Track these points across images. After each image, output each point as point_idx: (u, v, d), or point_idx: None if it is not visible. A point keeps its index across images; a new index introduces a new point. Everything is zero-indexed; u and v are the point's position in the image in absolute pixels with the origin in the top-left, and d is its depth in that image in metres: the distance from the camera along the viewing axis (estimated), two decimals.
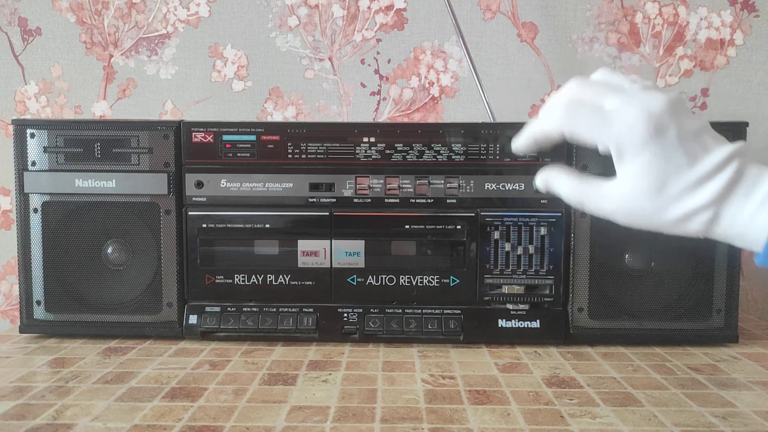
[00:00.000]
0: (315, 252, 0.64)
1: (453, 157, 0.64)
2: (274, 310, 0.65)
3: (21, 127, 0.64)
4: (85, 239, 0.65)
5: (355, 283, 0.65)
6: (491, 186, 0.64)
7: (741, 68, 0.92)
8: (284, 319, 0.65)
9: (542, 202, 0.64)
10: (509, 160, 0.63)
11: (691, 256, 0.63)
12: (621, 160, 0.46)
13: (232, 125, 0.64)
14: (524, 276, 0.64)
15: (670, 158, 0.45)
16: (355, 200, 0.64)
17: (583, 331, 0.64)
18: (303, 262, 0.65)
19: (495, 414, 0.47)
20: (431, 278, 0.64)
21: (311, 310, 0.65)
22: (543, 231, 0.63)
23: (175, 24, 0.93)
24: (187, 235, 0.65)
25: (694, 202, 0.44)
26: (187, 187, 0.65)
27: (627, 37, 0.92)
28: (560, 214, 0.63)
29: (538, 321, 0.64)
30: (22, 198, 0.65)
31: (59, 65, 0.94)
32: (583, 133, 0.47)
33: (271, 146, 0.64)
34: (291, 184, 0.64)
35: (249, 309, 0.65)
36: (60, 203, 0.65)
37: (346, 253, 0.64)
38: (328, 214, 0.64)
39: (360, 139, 0.64)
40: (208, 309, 0.65)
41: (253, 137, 0.64)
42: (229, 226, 0.64)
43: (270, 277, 0.65)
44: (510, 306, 0.64)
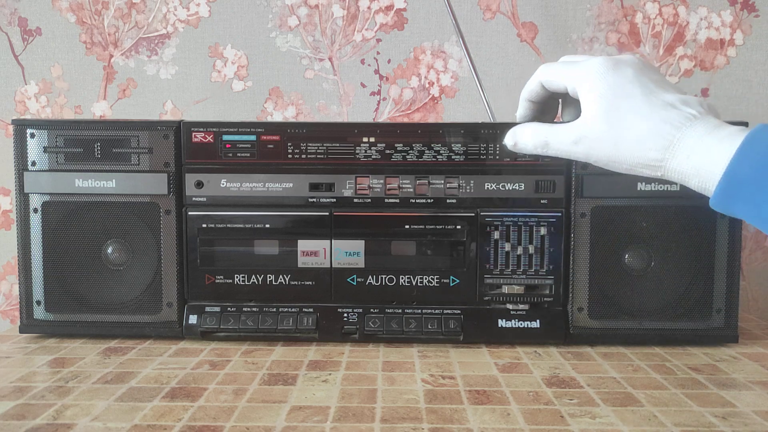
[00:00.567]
0: (315, 252, 0.64)
1: (453, 157, 0.64)
2: (274, 310, 0.65)
3: (21, 127, 0.64)
4: (85, 239, 0.65)
5: (355, 283, 0.65)
6: (491, 186, 0.64)
7: (741, 68, 0.92)
8: (284, 319, 0.65)
9: (542, 202, 0.64)
10: (509, 160, 0.63)
11: (691, 256, 0.63)
12: (583, 93, 0.50)
13: (232, 125, 0.64)
14: (524, 276, 0.64)
15: (625, 88, 0.48)
16: (355, 200, 0.64)
17: (583, 331, 0.64)
18: (303, 262, 0.65)
19: (495, 414, 0.47)
20: (431, 278, 0.64)
21: (311, 310, 0.65)
22: (543, 231, 0.63)
23: (175, 24, 0.93)
24: (187, 235, 0.65)
25: (650, 126, 0.46)
26: (187, 187, 0.65)
27: (627, 37, 0.92)
28: (560, 214, 0.63)
29: (538, 321, 0.64)
30: (22, 198, 0.65)
31: (59, 65, 0.94)
32: (556, 78, 0.54)
33: (271, 146, 0.64)
34: (291, 184, 0.64)
35: (249, 309, 0.65)
36: (60, 203, 0.65)
37: (346, 253, 0.64)
38: (328, 214, 0.64)
39: (360, 139, 0.64)
40: (208, 309, 0.65)
41: (253, 137, 0.64)
42: (229, 226, 0.64)
43: (270, 277, 0.65)
44: (510, 306, 0.64)
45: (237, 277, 0.65)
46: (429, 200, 0.64)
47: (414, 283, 0.64)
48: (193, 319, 0.65)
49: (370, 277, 0.65)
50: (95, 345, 0.64)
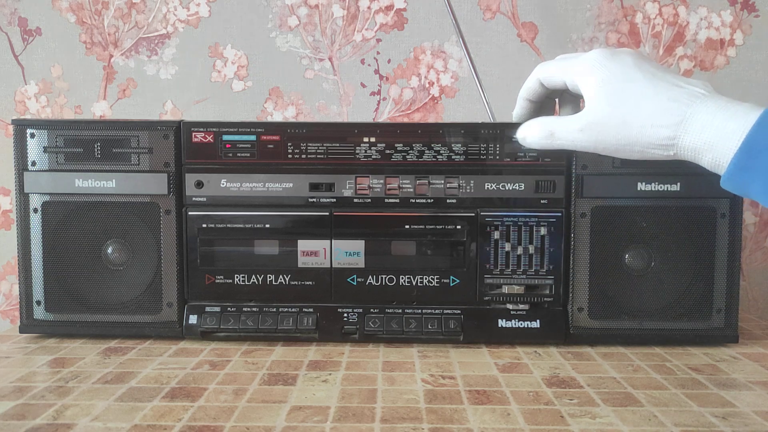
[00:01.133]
0: (315, 252, 0.64)
1: (453, 157, 0.64)
2: (274, 310, 0.65)
3: (21, 127, 0.64)
4: (85, 239, 0.65)
5: (355, 283, 0.65)
6: (491, 186, 0.64)
7: (741, 68, 0.92)
8: (284, 319, 0.65)
9: (542, 202, 0.64)
10: (509, 160, 0.63)
11: (691, 256, 0.63)
12: (583, 83, 0.51)
13: (232, 125, 0.64)
14: (524, 276, 0.64)
15: (626, 73, 0.48)
16: (355, 200, 0.64)
17: (583, 331, 0.64)
18: (303, 262, 0.65)
19: (495, 414, 0.47)
20: (431, 278, 0.64)
21: (311, 310, 0.65)
22: (543, 231, 0.63)
23: (175, 24, 0.93)
24: (187, 235, 0.65)
25: (658, 106, 0.46)
26: (187, 187, 0.65)
27: (627, 37, 0.92)
28: (560, 214, 0.63)
29: (538, 321, 0.64)
30: (22, 198, 0.65)
31: (59, 65, 0.94)
32: (555, 73, 0.54)
33: (271, 146, 0.64)
34: (291, 184, 0.64)
35: (249, 309, 0.65)
36: (60, 203, 0.65)
37: (346, 253, 0.64)
38: (328, 214, 0.64)
39: (360, 139, 0.64)
40: (208, 309, 0.65)
41: (253, 137, 0.64)
42: (229, 226, 0.64)
43: (270, 277, 0.65)
44: (510, 306, 0.64)
45: (237, 277, 0.65)
46: (429, 200, 0.64)
47: (414, 283, 0.64)
48: (193, 319, 0.65)
49: (370, 277, 0.65)
50: (95, 345, 0.64)
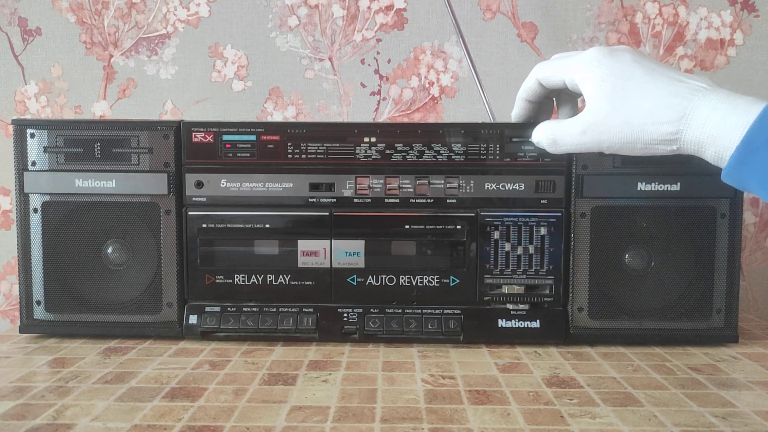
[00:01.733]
0: (315, 252, 0.64)
1: (453, 157, 0.64)
2: (274, 310, 0.65)
3: (21, 127, 0.64)
4: (85, 239, 0.65)
5: (355, 283, 0.65)
6: (491, 186, 0.64)
7: (741, 68, 0.92)
8: (284, 319, 0.65)
9: (542, 202, 0.64)
10: (509, 160, 0.63)
11: (691, 256, 0.63)
12: (582, 81, 0.50)
13: (232, 125, 0.64)
14: (524, 276, 0.64)
15: (625, 70, 0.48)
16: (355, 200, 0.64)
17: (583, 331, 0.64)
18: (303, 262, 0.65)
19: (495, 414, 0.47)
20: (431, 278, 0.64)
21: (311, 310, 0.65)
22: (543, 231, 0.63)
23: (175, 24, 0.93)
24: (187, 235, 0.65)
25: (659, 101, 0.45)
26: (187, 187, 0.65)
27: (627, 37, 0.92)
28: (560, 214, 0.63)
29: (538, 321, 0.64)
30: (22, 198, 0.65)
31: (59, 65, 0.94)
32: (553, 73, 0.54)
33: (271, 146, 0.64)
34: (291, 184, 0.64)
35: (249, 309, 0.65)
36: (60, 203, 0.65)
37: (346, 253, 0.64)
38: (328, 214, 0.64)
39: (360, 139, 0.64)
40: (208, 309, 0.65)
41: (253, 137, 0.64)
42: (229, 226, 0.64)
43: (270, 277, 0.65)
44: (510, 306, 0.64)
45: (237, 277, 0.65)
46: (429, 200, 0.64)
47: (414, 283, 0.64)
48: (193, 319, 0.65)
49: (370, 277, 0.65)
50: (95, 345, 0.64)
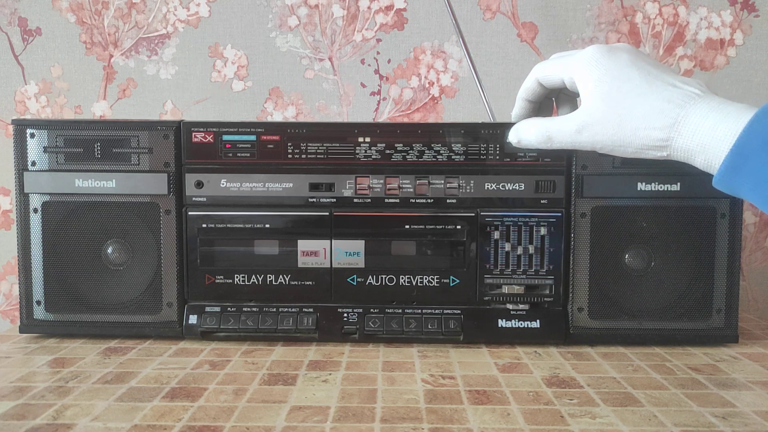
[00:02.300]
0: (315, 252, 0.64)
1: (453, 157, 0.64)
2: (274, 310, 0.65)
3: (21, 127, 0.64)
4: (85, 239, 0.65)
5: (355, 283, 0.65)
6: (491, 186, 0.64)
7: (741, 68, 0.92)
8: (284, 319, 0.65)
9: (542, 202, 0.64)
10: (509, 160, 0.63)
11: (691, 256, 0.63)
12: (580, 81, 0.50)
13: (232, 125, 0.64)
14: (524, 276, 0.64)
15: (622, 71, 0.48)
16: (355, 200, 0.64)
17: (583, 331, 0.64)
18: (303, 262, 0.65)
19: (495, 414, 0.47)
20: (431, 278, 0.64)
21: (311, 310, 0.65)
22: (543, 231, 0.63)
23: (175, 24, 0.93)
24: (187, 235, 0.65)
25: (653, 106, 0.46)
26: (187, 187, 0.65)
27: (627, 37, 0.92)
28: (560, 214, 0.63)
29: (538, 321, 0.64)
30: (22, 198, 0.65)
31: (59, 65, 0.94)
32: (552, 72, 0.54)
33: (271, 146, 0.64)
34: (291, 184, 0.64)
35: (249, 309, 0.65)
36: (60, 203, 0.65)
37: (346, 253, 0.64)
38: (328, 214, 0.64)
39: (360, 139, 0.64)
40: (208, 309, 0.65)
41: (253, 137, 0.64)
42: (229, 226, 0.64)
43: (270, 277, 0.65)
44: (510, 306, 0.64)
45: (237, 277, 0.65)
46: (429, 200, 0.64)
47: (414, 283, 0.64)
48: (193, 319, 0.65)
49: (370, 277, 0.65)
50: (95, 345, 0.64)
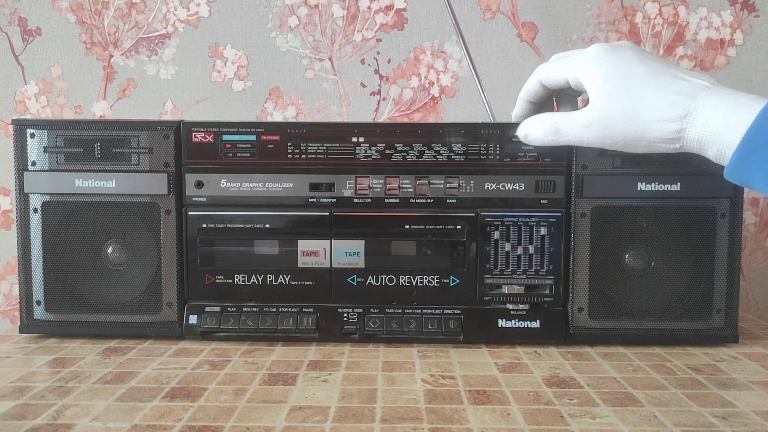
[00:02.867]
0: (315, 252, 0.64)
1: (453, 157, 0.64)
2: (274, 310, 0.65)
3: (21, 127, 0.64)
4: (85, 239, 0.65)
5: (355, 283, 0.65)
6: (491, 186, 0.64)
7: (741, 68, 0.92)
8: (284, 319, 0.65)
9: (542, 202, 0.64)
10: (509, 160, 0.63)
11: (691, 256, 0.63)
12: (587, 79, 0.50)
13: (232, 125, 0.64)
14: (524, 276, 0.64)
15: (629, 67, 0.48)
16: (355, 200, 0.64)
17: (583, 331, 0.64)
18: (303, 262, 0.65)
19: (495, 414, 0.47)
20: (431, 278, 0.64)
21: (311, 310, 0.65)
22: (543, 231, 0.63)
23: (175, 24, 0.93)
24: (187, 235, 0.65)
25: (663, 99, 0.46)
26: (187, 187, 0.65)
27: (627, 37, 0.92)
28: (560, 214, 0.63)
29: (538, 321, 0.64)
30: (22, 198, 0.65)
31: (59, 65, 0.94)
32: (556, 73, 0.54)
33: (271, 146, 0.64)
34: (291, 184, 0.64)
35: (249, 309, 0.65)
36: (60, 203, 0.65)
37: (346, 253, 0.64)
38: (328, 214, 0.64)
39: (360, 139, 0.64)
40: (208, 309, 0.65)
41: (253, 137, 0.64)
42: (229, 226, 0.64)
43: (270, 277, 0.65)
44: (510, 306, 0.64)
45: (237, 277, 0.65)
46: (429, 200, 0.64)
47: (414, 283, 0.64)
48: (193, 319, 0.65)
49: (370, 277, 0.65)
50: (95, 345, 0.64)
